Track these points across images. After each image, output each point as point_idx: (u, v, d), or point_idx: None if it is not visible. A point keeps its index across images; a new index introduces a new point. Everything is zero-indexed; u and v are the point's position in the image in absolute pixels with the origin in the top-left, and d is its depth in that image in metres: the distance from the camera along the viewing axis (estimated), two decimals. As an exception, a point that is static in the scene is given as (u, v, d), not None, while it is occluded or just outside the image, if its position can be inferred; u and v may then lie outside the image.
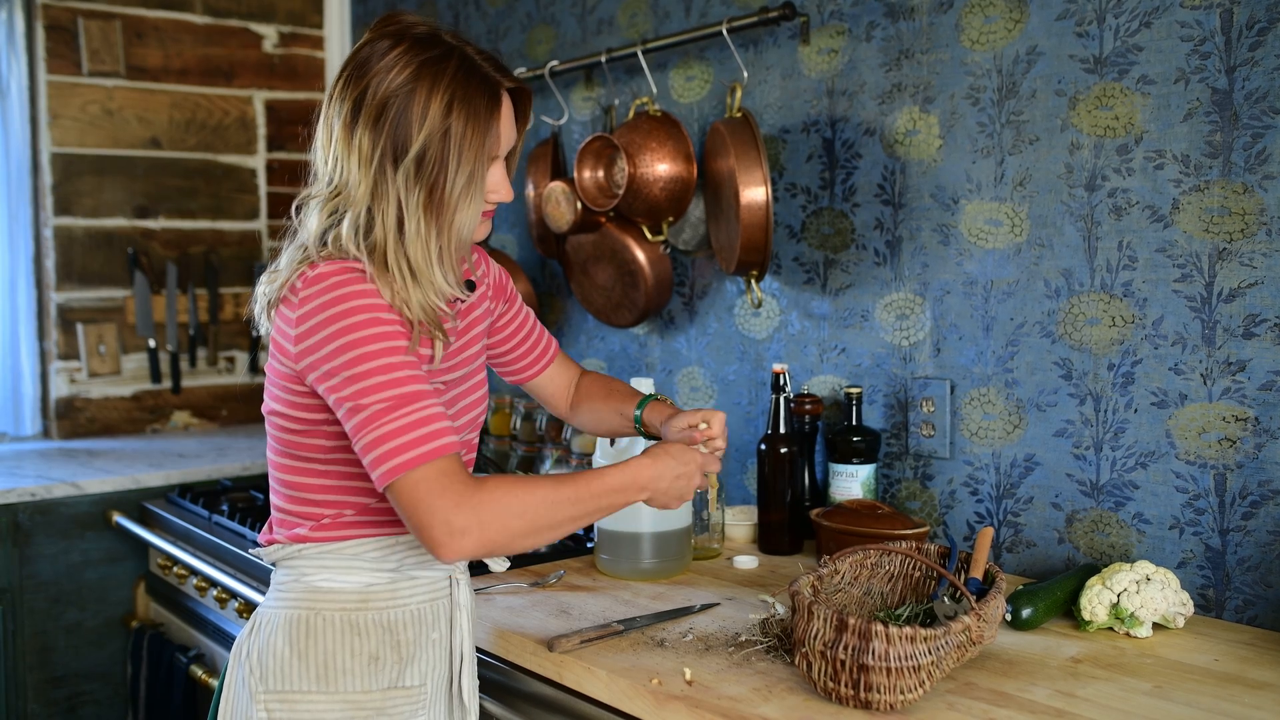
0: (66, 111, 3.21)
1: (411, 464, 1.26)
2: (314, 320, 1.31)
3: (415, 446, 1.26)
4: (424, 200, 1.35)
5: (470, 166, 1.35)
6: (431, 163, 1.34)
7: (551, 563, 1.98)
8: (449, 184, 1.34)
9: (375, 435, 1.27)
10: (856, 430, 2.02)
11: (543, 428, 2.62)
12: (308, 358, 1.31)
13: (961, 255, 1.94)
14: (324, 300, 1.31)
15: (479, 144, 1.36)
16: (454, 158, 1.34)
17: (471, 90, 1.36)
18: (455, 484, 1.27)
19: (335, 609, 1.41)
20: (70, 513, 2.66)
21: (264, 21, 3.56)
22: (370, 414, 1.27)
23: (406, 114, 1.33)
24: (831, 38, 2.13)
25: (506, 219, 2.97)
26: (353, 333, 1.29)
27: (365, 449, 1.28)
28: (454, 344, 1.48)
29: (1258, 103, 1.59)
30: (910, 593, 1.56)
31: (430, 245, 1.36)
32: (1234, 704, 1.31)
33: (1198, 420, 1.66)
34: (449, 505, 1.25)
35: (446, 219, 1.36)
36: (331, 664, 1.39)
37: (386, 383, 1.28)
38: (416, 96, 1.33)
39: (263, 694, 1.40)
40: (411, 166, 1.33)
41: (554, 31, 2.79)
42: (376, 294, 1.33)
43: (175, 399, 3.42)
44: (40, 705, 2.64)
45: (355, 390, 1.28)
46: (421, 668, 1.44)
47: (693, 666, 1.43)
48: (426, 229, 1.35)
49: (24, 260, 3.20)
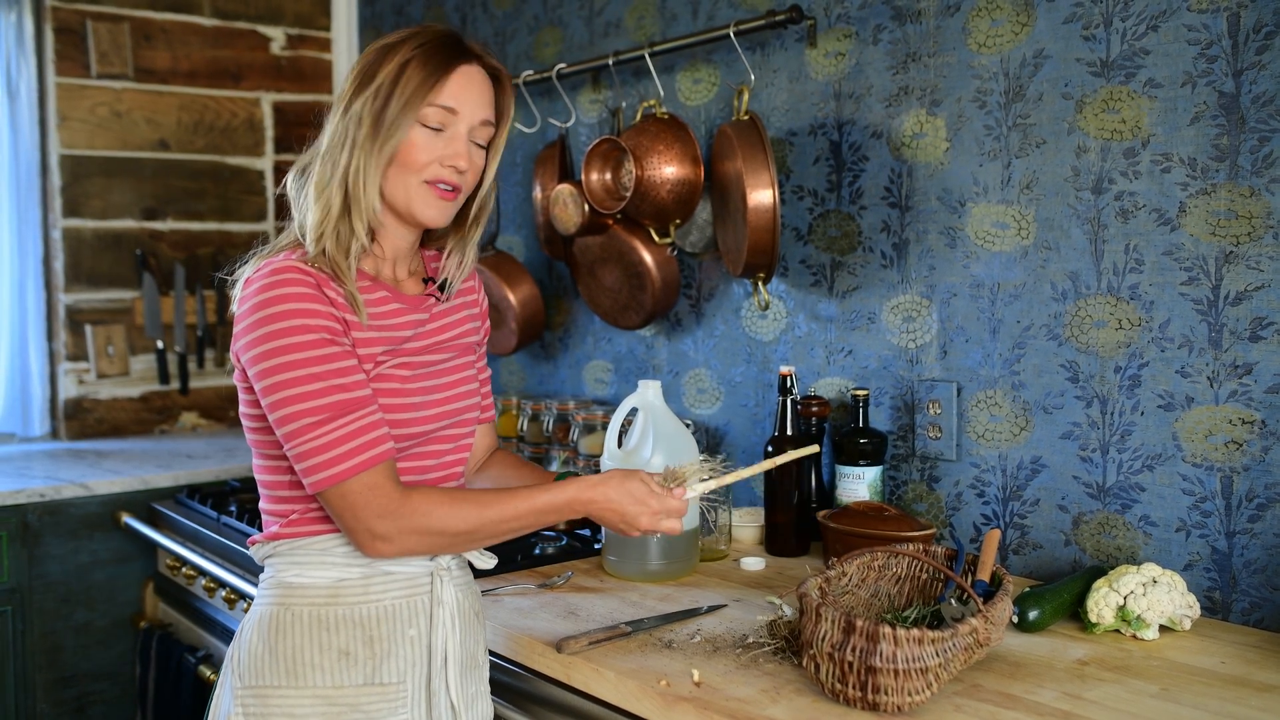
0: (75, 113, 3.22)
1: (340, 477, 1.34)
2: (246, 322, 1.37)
3: (344, 460, 1.34)
4: (368, 130, 1.40)
5: (406, 96, 1.40)
6: (379, 96, 1.40)
7: (559, 564, 1.99)
8: (388, 111, 1.40)
9: (305, 448, 1.34)
10: (863, 432, 2.03)
11: (549, 429, 2.63)
12: (244, 358, 1.38)
13: (968, 258, 1.95)
14: (255, 302, 1.36)
15: (427, 83, 1.41)
16: (399, 91, 1.40)
17: (435, 45, 1.44)
18: (379, 496, 1.35)
19: (305, 604, 1.42)
20: (79, 513, 2.67)
21: (272, 24, 3.57)
22: (300, 426, 1.34)
23: (379, 63, 1.42)
24: (838, 40, 2.14)
25: (514, 220, 2.98)
26: (282, 338, 1.34)
27: (296, 459, 1.35)
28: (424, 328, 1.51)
29: (1265, 106, 1.59)
30: (917, 595, 1.57)
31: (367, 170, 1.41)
32: (1241, 706, 1.31)
33: (1204, 423, 1.67)
34: (372, 515, 1.35)
35: (378, 143, 1.40)
36: (300, 658, 1.40)
37: (315, 392, 1.34)
38: (395, 48, 1.43)
39: (240, 690, 1.42)
40: (369, 101, 1.40)
41: (561, 34, 2.80)
42: (310, 295, 1.36)
43: (183, 400, 3.43)
44: (49, 705, 2.65)
45: (283, 398, 1.34)
46: (398, 665, 1.43)
47: (701, 668, 1.43)
48: (365, 155, 1.40)
49: (33, 262, 3.21)
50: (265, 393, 1.35)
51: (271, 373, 1.34)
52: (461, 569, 1.53)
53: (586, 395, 2.78)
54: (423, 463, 1.48)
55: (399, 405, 1.44)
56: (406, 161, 1.42)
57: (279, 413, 1.34)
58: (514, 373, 3.03)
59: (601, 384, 2.74)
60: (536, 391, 2.94)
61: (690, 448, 1.90)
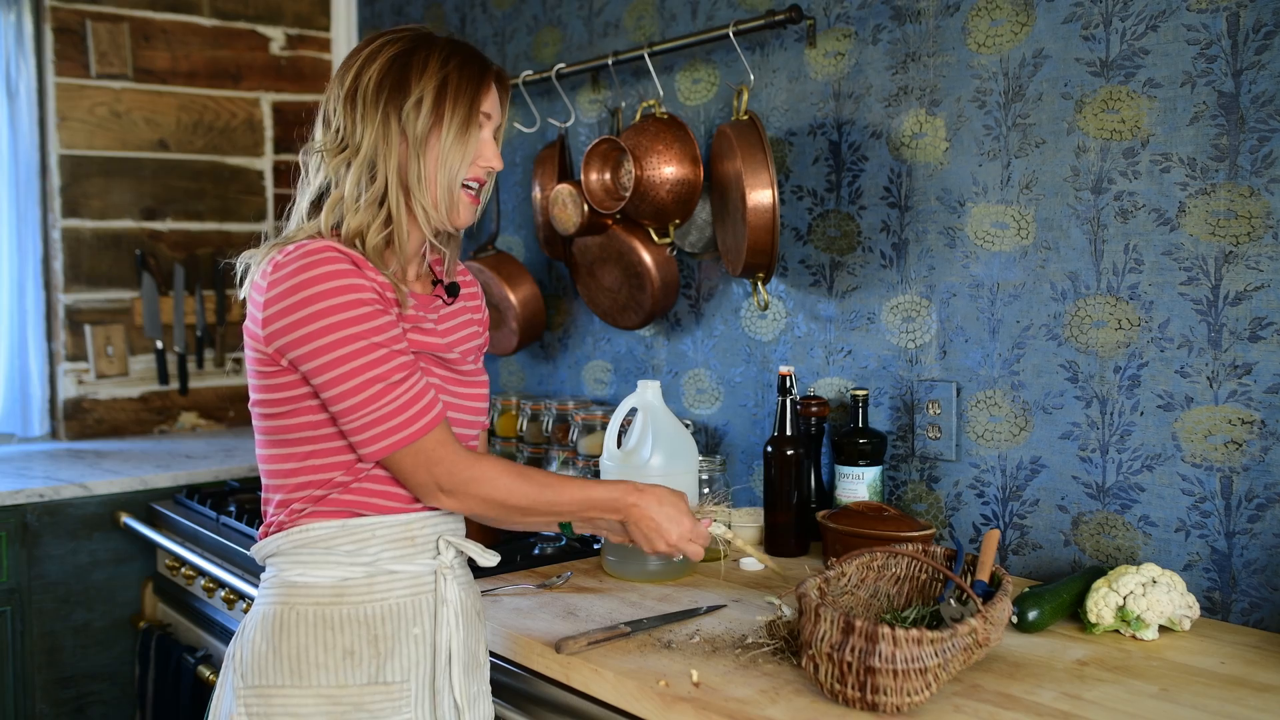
0: (74, 113, 3.22)
1: (416, 435, 1.39)
2: (286, 301, 1.36)
3: (418, 419, 1.39)
4: (423, 143, 1.44)
5: (465, 111, 1.45)
6: (429, 108, 1.43)
7: (558, 564, 1.99)
8: (445, 127, 1.44)
9: (377, 413, 1.37)
10: (863, 432, 2.03)
11: (549, 429, 2.62)
12: (283, 338, 1.36)
13: (968, 258, 1.95)
14: (295, 282, 1.36)
15: (473, 93, 1.46)
16: (450, 103, 1.44)
17: (464, 53, 1.49)
18: (452, 453, 1.42)
19: (309, 603, 1.42)
20: (78, 514, 2.67)
21: (271, 24, 3.57)
22: (370, 394, 1.36)
23: (406, 70, 1.44)
24: (838, 40, 2.14)
25: (513, 220, 2.98)
26: (334, 313, 1.35)
27: (365, 426, 1.37)
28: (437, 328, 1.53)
29: (1264, 106, 1.59)
30: (917, 595, 1.57)
31: (435, 182, 1.45)
32: (1240, 707, 1.31)
33: (1204, 423, 1.67)
34: (444, 471, 1.41)
35: (442, 159, 1.44)
36: (304, 658, 1.40)
37: (379, 359, 1.37)
38: (416, 56, 1.46)
39: (242, 690, 1.41)
40: (412, 112, 1.43)
41: (561, 34, 2.80)
42: (350, 271, 1.37)
43: (183, 400, 3.43)
44: (48, 705, 2.65)
45: (346, 370, 1.35)
46: (403, 664, 1.43)
47: (700, 668, 1.43)
48: (426, 169, 1.44)
49: (32, 262, 3.21)
50: (322, 368, 1.36)
51: (328, 348, 1.35)
52: (463, 568, 1.54)
53: (586, 395, 2.78)
54: None
55: None
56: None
57: (341, 385, 1.36)
58: (514, 373, 3.03)
59: (601, 384, 2.73)
60: (536, 392, 2.94)
61: (690, 448, 1.90)
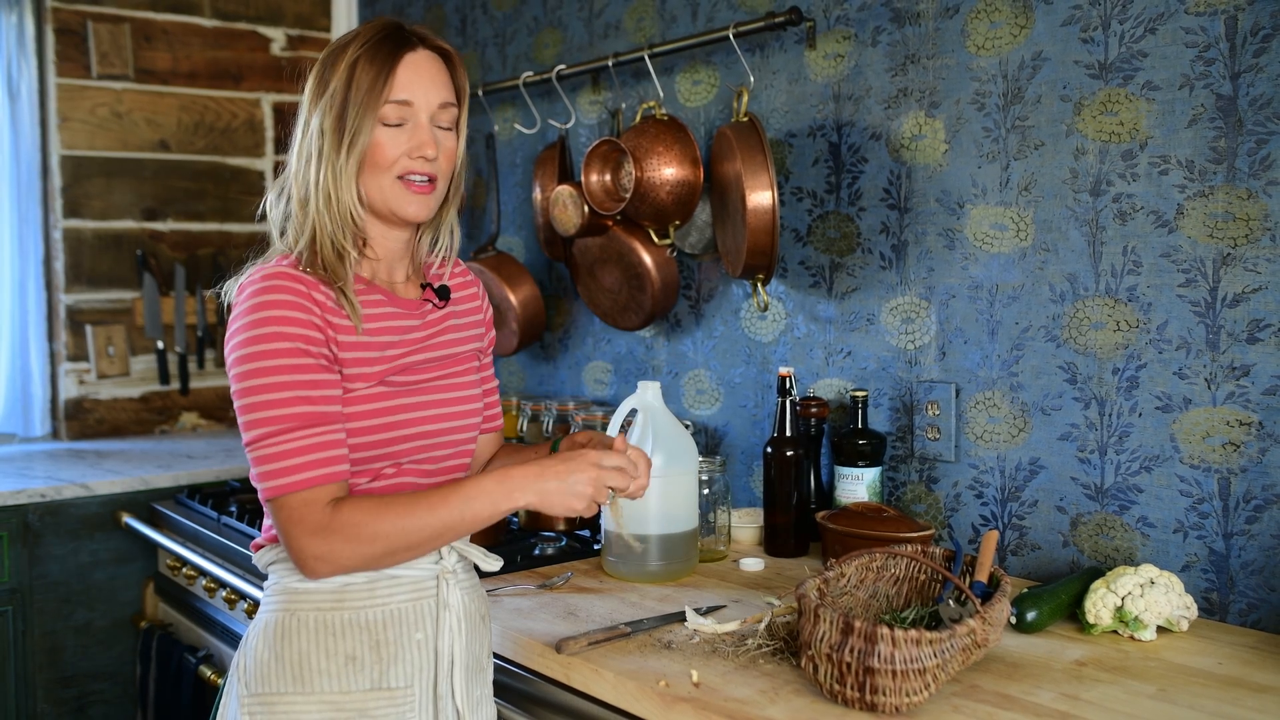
0: (76, 114, 3.22)
1: (283, 490, 1.34)
2: (231, 328, 1.40)
3: (293, 473, 1.34)
4: (331, 141, 1.42)
5: (361, 99, 1.41)
6: (335, 105, 1.42)
7: (559, 565, 1.99)
8: (347, 118, 1.41)
9: (259, 454, 1.36)
10: (862, 433, 2.03)
11: (549, 430, 2.63)
12: (226, 361, 1.40)
13: (967, 259, 1.95)
14: (242, 309, 1.39)
15: (376, 80, 1.42)
16: (353, 96, 1.41)
17: (376, 41, 1.44)
18: (313, 512, 1.34)
19: (310, 610, 1.42)
20: (79, 513, 2.68)
21: (272, 24, 3.58)
22: (260, 434, 1.35)
23: (325, 69, 1.45)
24: (838, 43, 2.14)
25: (514, 221, 2.98)
26: (257, 344, 1.36)
27: (252, 464, 1.38)
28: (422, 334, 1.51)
29: (1262, 109, 1.59)
30: (915, 596, 1.57)
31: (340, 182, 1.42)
32: (1238, 707, 1.32)
33: (1202, 424, 1.67)
34: (304, 533, 1.33)
35: (344, 152, 1.42)
36: (307, 664, 1.40)
37: (280, 401, 1.35)
38: (336, 59, 1.44)
39: (246, 698, 1.42)
40: (328, 111, 1.42)
41: (561, 35, 2.80)
42: (294, 304, 1.37)
43: (183, 400, 3.44)
44: (50, 705, 2.65)
45: (248, 404, 1.36)
46: (406, 669, 1.43)
47: (699, 669, 1.44)
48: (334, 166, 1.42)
49: (33, 262, 3.22)
50: (236, 397, 1.38)
51: (242, 378, 1.36)
52: (467, 572, 1.53)
53: (586, 396, 2.78)
54: (424, 467, 1.49)
55: (398, 406, 1.44)
56: (376, 162, 1.43)
57: (243, 418, 1.37)
58: (514, 373, 3.04)
59: (601, 385, 2.74)
60: (536, 392, 2.94)
61: (690, 449, 1.90)
